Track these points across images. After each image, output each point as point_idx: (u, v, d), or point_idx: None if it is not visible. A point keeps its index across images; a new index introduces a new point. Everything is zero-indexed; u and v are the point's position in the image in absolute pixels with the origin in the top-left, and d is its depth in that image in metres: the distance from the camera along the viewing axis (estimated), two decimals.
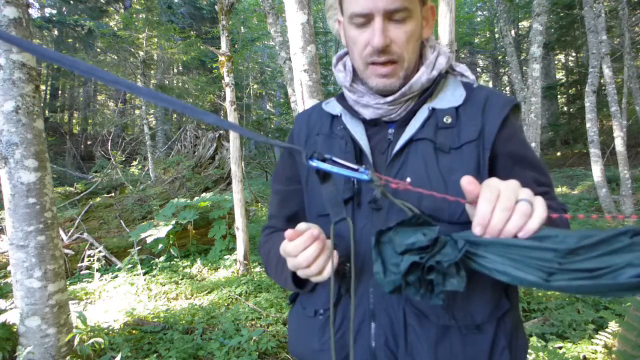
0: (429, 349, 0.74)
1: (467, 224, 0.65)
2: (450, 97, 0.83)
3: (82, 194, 7.55)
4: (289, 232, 0.70)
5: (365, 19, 0.77)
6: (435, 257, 0.58)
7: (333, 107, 0.92)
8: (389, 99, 0.82)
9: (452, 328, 0.74)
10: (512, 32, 14.89)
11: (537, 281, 0.55)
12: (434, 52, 0.86)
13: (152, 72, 13.48)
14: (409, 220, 0.62)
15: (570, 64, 18.03)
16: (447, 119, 0.80)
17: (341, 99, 0.91)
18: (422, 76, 0.82)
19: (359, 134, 0.85)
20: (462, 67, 0.89)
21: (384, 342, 0.77)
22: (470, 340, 0.74)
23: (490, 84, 19.33)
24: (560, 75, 19.04)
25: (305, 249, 0.69)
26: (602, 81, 8.32)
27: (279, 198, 0.99)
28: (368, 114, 0.85)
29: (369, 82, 0.83)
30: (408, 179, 0.76)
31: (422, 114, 0.82)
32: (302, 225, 0.71)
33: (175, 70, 16.64)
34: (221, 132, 8.58)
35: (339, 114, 0.90)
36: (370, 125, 0.86)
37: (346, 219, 0.70)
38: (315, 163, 0.67)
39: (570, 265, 0.53)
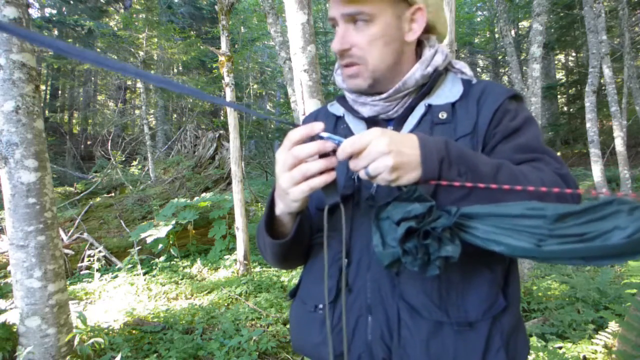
0: (421, 344, 0.74)
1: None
2: (448, 93, 0.85)
3: (82, 194, 7.55)
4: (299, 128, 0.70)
5: (335, 24, 0.83)
6: (430, 223, 0.61)
7: (337, 108, 0.95)
8: (384, 95, 0.84)
9: (445, 324, 0.74)
10: (512, 32, 14.90)
11: (529, 247, 0.57)
12: (431, 50, 0.87)
13: (152, 72, 13.47)
14: (405, 195, 0.65)
15: (570, 64, 18.04)
16: (443, 115, 0.81)
17: (342, 100, 0.94)
18: (416, 72, 0.83)
19: (359, 132, 0.86)
20: (461, 64, 0.90)
21: (380, 335, 0.77)
22: (463, 338, 0.73)
23: None
24: (560, 75, 19.04)
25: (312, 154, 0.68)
26: (602, 81, 8.32)
27: None
28: (366, 111, 0.87)
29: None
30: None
31: (419, 110, 0.83)
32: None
33: (175, 70, 16.63)
34: (221, 132, 8.58)
35: (342, 114, 0.93)
36: (371, 123, 0.88)
37: (339, 203, 0.72)
38: (326, 134, 0.69)
39: (560, 230, 0.55)
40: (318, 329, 0.84)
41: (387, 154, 0.62)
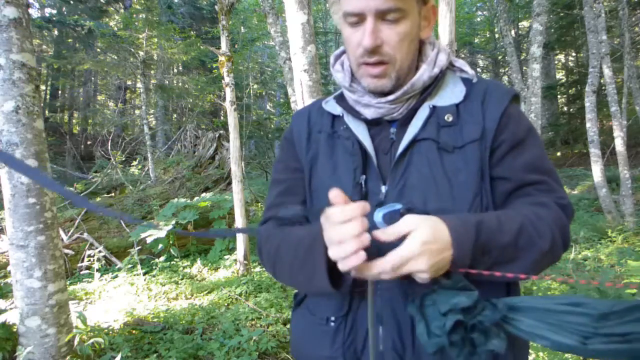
0: (436, 353, 0.74)
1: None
2: (451, 94, 0.83)
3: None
4: (335, 191, 0.64)
5: (358, 19, 0.77)
6: (477, 317, 0.62)
7: (333, 107, 0.91)
8: (390, 97, 0.81)
9: None
10: (512, 32, 14.89)
11: (575, 345, 0.57)
12: (433, 49, 0.85)
13: (152, 72, 13.47)
14: (450, 284, 0.66)
15: (570, 64, 18.03)
16: (449, 117, 0.80)
17: (340, 99, 0.90)
18: (424, 74, 0.81)
19: (362, 134, 0.84)
20: (460, 62, 0.88)
21: (392, 346, 0.77)
22: None
23: None
24: (560, 75, 19.03)
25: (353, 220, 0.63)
26: (602, 81, 8.31)
27: (286, 186, 0.94)
28: (370, 113, 0.84)
29: (361, 81, 0.83)
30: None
31: (423, 112, 0.81)
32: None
33: (175, 70, 16.62)
34: (221, 132, 8.58)
35: (341, 114, 0.89)
36: (372, 124, 0.85)
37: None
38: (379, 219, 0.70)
39: (605, 329, 0.56)
40: (329, 342, 0.83)
41: (426, 272, 0.64)
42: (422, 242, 0.63)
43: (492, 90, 0.83)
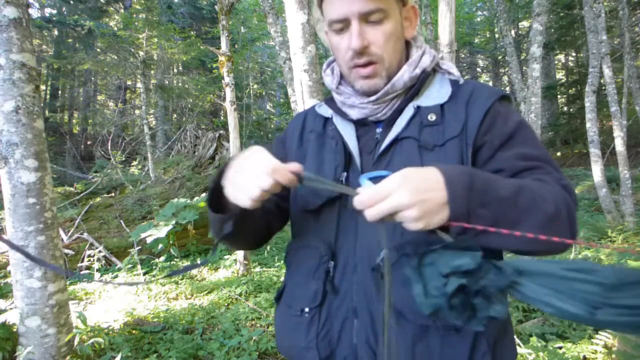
0: (407, 348, 0.74)
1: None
2: (436, 94, 0.85)
3: (82, 194, 7.55)
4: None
5: (343, 24, 0.81)
6: (481, 281, 0.58)
7: (325, 110, 0.95)
8: (372, 98, 0.84)
9: (430, 328, 0.74)
10: (512, 32, 14.89)
11: (582, 314, 0.54)
12: (419, 51, 0.88)
13: (152, 72, 13.46)
14: (453, 243, 0.61)
15: (570, 64, 18.03)
16: (432, 117, 0.81)
17: (330, 101, 0.94)
18: (404, 74, 0.84)
19: (348, 134, 0.87)
20: (448, 65, 0.90)
21: (365, 339, 0.78)
22: (449, 342, 0.74)
23: (491, 84, 19.26)
24: (560, 75, 19.03)
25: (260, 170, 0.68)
26: (602, 81, 8.31)
27: None
28: (354, 114, 0.87)
29: (355, 85, 0.86)
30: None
31: (408, 112, 0.83)
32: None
33: (175, 70, 16.61)
34: (221, 132, 8.58)
35: (330, 116, 0.93)
36: (360, 125, 0.88)
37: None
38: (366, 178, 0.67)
39: (616, 300, 0.53)
40: (304, 333, 0.84)
41: (410, 207, 0.59)
42: (402, 176, 0.60)
43: (478, 91, 0.84)
